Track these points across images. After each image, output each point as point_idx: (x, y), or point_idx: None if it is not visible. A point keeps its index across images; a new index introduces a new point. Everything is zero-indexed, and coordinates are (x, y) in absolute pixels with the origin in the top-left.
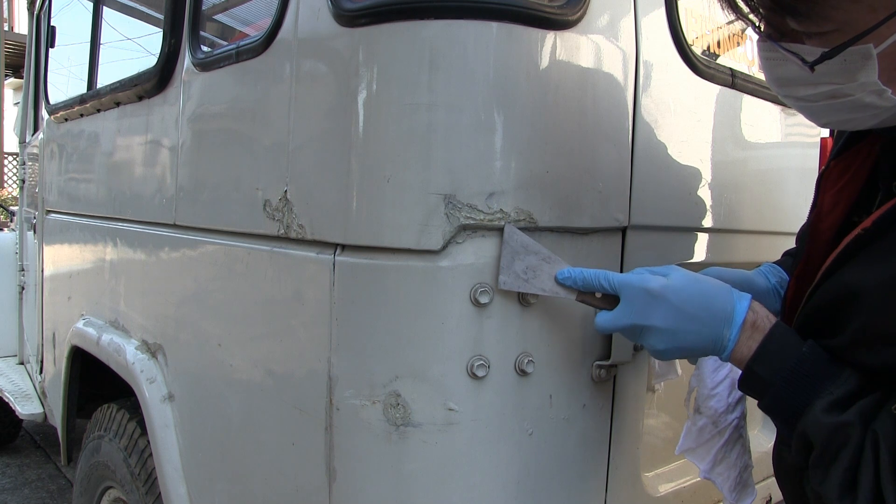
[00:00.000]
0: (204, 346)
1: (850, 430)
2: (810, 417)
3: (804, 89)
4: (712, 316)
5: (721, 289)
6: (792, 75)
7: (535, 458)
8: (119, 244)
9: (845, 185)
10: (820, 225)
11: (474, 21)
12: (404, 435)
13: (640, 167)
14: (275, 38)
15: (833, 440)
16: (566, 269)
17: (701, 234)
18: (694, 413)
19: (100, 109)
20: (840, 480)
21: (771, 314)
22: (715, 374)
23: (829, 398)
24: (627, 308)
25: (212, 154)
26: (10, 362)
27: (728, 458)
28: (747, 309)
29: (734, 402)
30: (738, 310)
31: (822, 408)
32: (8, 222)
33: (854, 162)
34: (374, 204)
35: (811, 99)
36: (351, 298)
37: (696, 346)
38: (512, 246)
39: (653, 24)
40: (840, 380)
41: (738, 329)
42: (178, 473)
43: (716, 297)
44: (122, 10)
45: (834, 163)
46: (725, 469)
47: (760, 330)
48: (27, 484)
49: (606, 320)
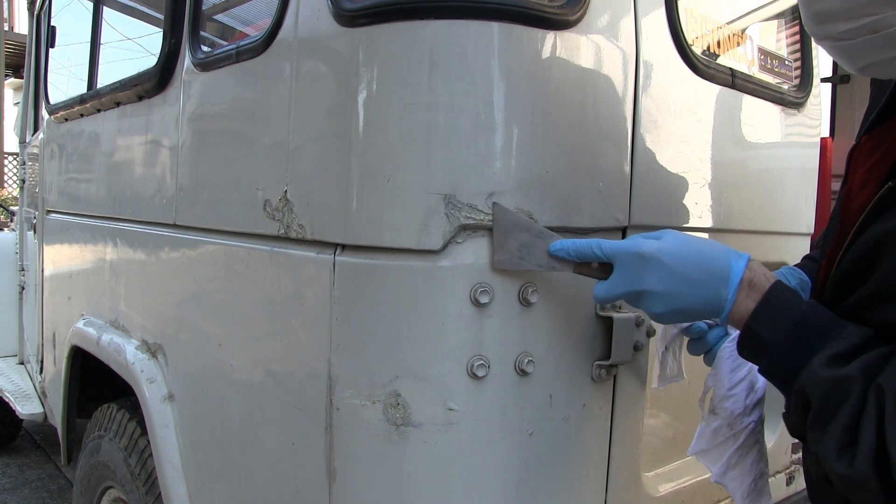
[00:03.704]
0: (204, 346)
1: (851, 385)
2: (808, 373)
3: (843, 24)
4: (708, 276)
5: (717, 248)
6: (831, 8)
7: (535, 458)
8: (119, 244)
9: (875, 163)
10: (850, 205)
11: (474, 21)
12: (404, 435)
13: (640, 167)
14: (275, 38)
15: (832, 395)
16: (558, 242)
17: (701, 235)
18: (709, 414)
19: (100, 109)
20: (839, 438)
21: (770, 273)
22: (733, 375)
23: (829, 352)
24: (622, 275)
25: (212, 154)
26: (10, 362)
27: (742, 462)
28: (744, 268)
29: (752, 405)
30: (735, 269)
31: (820, 362)
32: (8, 222)
33: (885, 139)
34: (374, 204)
35: (850, 35)
36: (351, 298)
37: (694, 308)
38: (503, 224)
39: (653, 24)
40: (843, 335)
41: (734, 289)
42: (178, 473)
43: (712, 256)
44: (122, 10)
45: (865, 138)
46: (739, 474)
47: (759, 289)
48: (27, 484)
49: (603, 289)
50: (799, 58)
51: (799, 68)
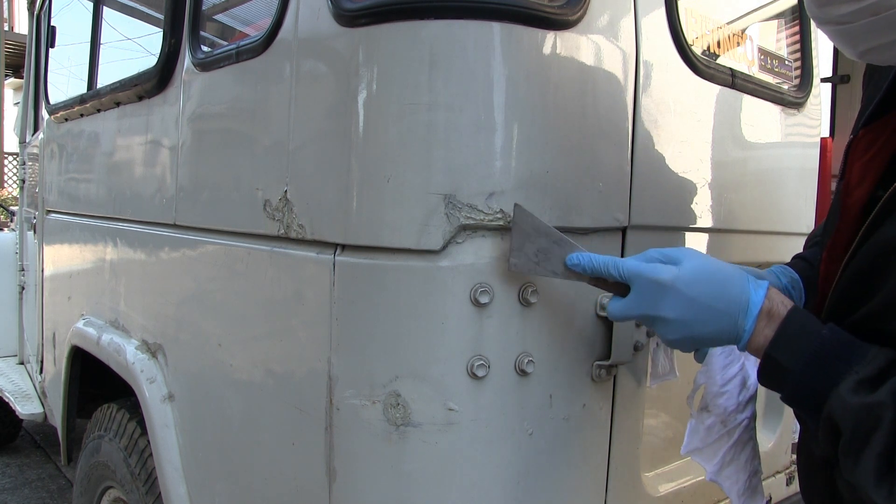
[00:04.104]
0: (204, 346)
1: (882, 411)
2: (836, 400)
3: (846, 6)
4: (726, 306)
5: (735, 276)
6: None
7: (535, 458)
8: (119, 244)
9: (873, 157)
10: (847, 199)
11: (474, 21)
12: (404, 435)
13: (640, 167)
14: (275, 38)
15: (863, 422)
16: (575, 255)
17: (701, 234)
18: (700, 411)
19: (100, 109)
20: (874, 467)
21: (787, 299)
22: (725, 371)
23: (856, 377)
24: (638, 297)
25: (212, 154)
26: (10, 362)
27: (737, 460)
28: (763, 297)
29: (745, 402)
30: (754, 299)
31: (848, 388)
32: (8, 222)
33: (882, 133)
34: (374, 204)
35: (851, 18)
36: (351, 298)
37: (711, 337)
38: (522, 227)
39: (653, 24)
40: (866, 358)
41: (753, 319)
42: (178, 473)
43: (730, 285)
44: (122, 10)
45: (863, 132)
46: (734, 472)
47: (777, 317)
48: (27, 484)
49: (618, 308)
50: (799, 58)
51: (799, 68)
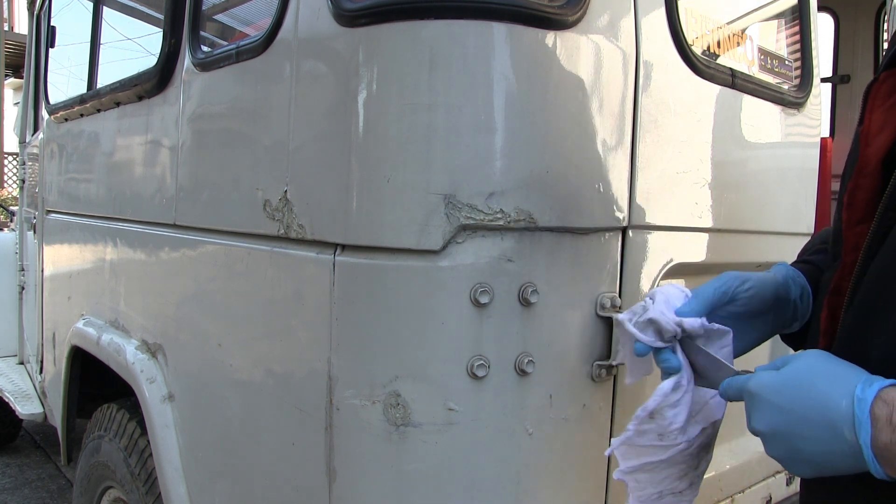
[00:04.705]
0: (204, 346)
1: None
2: None
3: None
4: (821, 414)
5: (838, 377)
6: None
7: (535, 458)
8: (119, 244)
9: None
10: (867, 149)
11: (474, 21)
12: (404, 435)
13: (640, 167)
14: (275, 38)
15: None
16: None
17: (701, 234)
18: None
19: (100, 109)
20: None
21: None
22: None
23: None
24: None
25: (212, 154)
26: (10, 362)
27: (657, 473)
28: (871, 403)
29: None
30: (860, 405)
31: None
32: (8, 222)
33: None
34: (374, 204)
35: None
36: (351, 298)
37: (820, 454)
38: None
39: (653, 24)
40: None
41: (866, 432)
42: (178, 473)
43: (827, 389)
44: (122, 10)
45: (884, 75)
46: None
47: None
48: (27, 484)
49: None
50: (799, 58)
51: (799, 68)
